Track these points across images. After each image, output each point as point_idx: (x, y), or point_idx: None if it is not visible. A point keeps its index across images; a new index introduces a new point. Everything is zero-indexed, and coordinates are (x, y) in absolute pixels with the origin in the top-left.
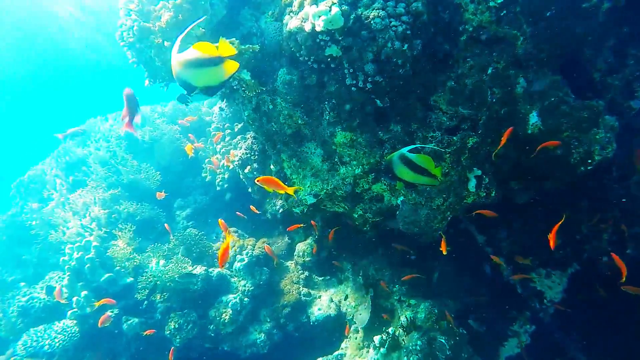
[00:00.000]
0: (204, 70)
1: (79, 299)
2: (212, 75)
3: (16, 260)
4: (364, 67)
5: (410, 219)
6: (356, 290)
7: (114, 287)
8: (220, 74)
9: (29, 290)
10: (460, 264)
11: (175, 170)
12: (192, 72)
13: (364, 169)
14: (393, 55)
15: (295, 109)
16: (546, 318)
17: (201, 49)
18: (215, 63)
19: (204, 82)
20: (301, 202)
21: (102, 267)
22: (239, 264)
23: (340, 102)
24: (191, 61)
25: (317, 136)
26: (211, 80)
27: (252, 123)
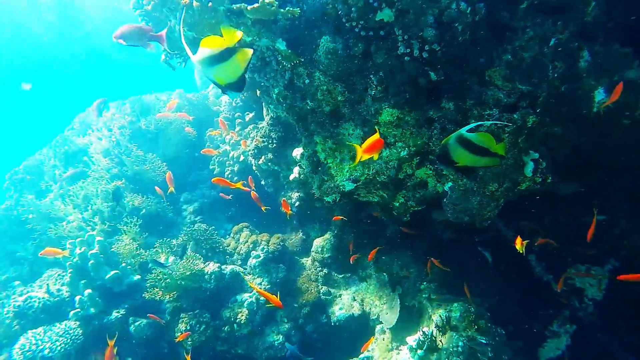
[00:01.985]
0: (217, 67)
1: (82, 298)
2: (227, 71)
3: (10, 257)
4: (422, 33)
5: (461, 207)
6: (380, 288)
7: (119, 285)
8: (235, 68)
9: (26, 289)
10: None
11: (181, 162)
12: (209, 71)
13: (409, 152)
14: (457, 18)
15: (336, 83)
16: (587, 317)
17: (209, 44)
18: (226, 57)
19: (224, 80)
20: (337, 188)
21: (106, 264)
22: (254, 260)
23: (390, 75)
24: (204, 59)
25: (356, 115)
26: (229, 77)
27: (283, 101)
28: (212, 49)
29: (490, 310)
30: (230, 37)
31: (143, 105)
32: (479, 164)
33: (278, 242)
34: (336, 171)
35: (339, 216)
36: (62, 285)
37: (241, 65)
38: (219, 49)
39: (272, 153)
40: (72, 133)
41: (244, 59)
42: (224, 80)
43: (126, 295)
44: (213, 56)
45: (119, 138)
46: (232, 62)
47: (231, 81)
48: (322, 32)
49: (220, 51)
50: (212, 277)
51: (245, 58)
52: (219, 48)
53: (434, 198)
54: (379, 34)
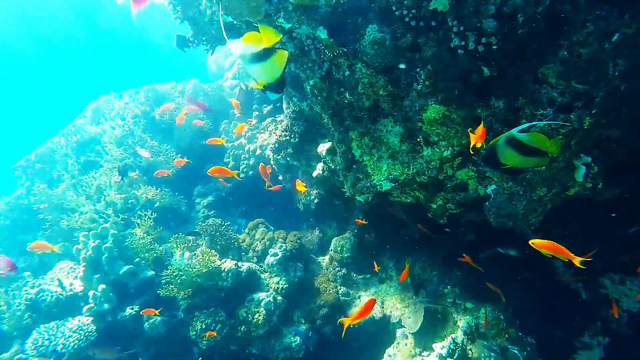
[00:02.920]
0: (256, 66)
1: (96, 294)
2: (265, 72)
3: (20, 247)
4: (480, 24)
5: (506, 211)
6: (402, 291)
7: (133, 280)
8: (274, 69)
9: (38, 281)
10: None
11: (195, 154)
12: (249, 68)
13: (453, 151)
14: (521, 9)
15: (378, 76)
16: (622, 329)
17: (250, 40)
18: (264, 57)
19: (263, 80)
20: (373, 188)
21: (120, 258)
22: (272, 258)
23: (440, 69)
24: (244, 55)
25: (397, 111)
26: (268, 77)
27: (319, 94)
28: (252, 46)
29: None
30: (268, 37)
31: (157, 95)
32: (528, 164)
33: (295, 239)
34: (373, 169)
35: (361, 220)
36: (75, 279)
37: (279, 67)
38: (259, 48)
39: (292, 148)
40: (84, 121)
41: (281, 60)
42: (262, 80)
43: (140, 291)
44: (253, 54)
45: (132, 128)
46: (270, 63)
47: (270, 82)
48: (367, 20)
49: (260, 50)
50: (229, 274)
51: (282, 59)
52: (259, 46)
53: (474, 201)
54: (430, 25)
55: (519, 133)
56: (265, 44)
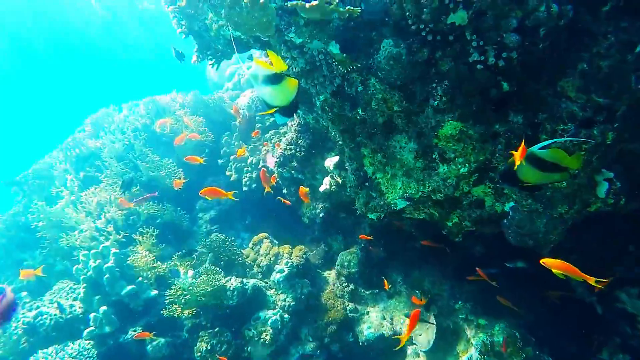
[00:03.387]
0: (268, 88)
1: (97, 316)
2: (277, 95)
3: (17, 266)
4: (500, 39)
5: (526, 230)
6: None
7: (136, 301)
8: (285, 93)
9: (36, 302)
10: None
11: (197, 168)
12: (260, 89)
13: (470, 168)
14: (544, 22)
15: (393, 92)
16: None
17: (262, 64)
18: (275, 82)
19: (273, 102)
20: (387, 207)
21: (122, 278)
22: (278, 275)
23: (457, 84)
24: (257, 75)
25: (411, 127)
26: (279, 100)
27: (329, 110)
28: (265, 69)
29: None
30: (278, 64)
31: (157, 107)
32: (548, 180)
33: (301, 254)
34: (387, 188)
35: (366, 236)
36: (75, 300)
37: (290, 92)
38: (271, 71)
39: (298, 161)
40: (83, 135)
41: (292, 86)
42: (273, 103)
43: (143, 312)
44: (266, 76)
45: (133, 142)
46: (281, 87)
47: (281, 105)
48: (381, 35)
49: (273, 73)
50: (234, 293)
51: (293, 85)
52: (271, 70)
53: (491, 218)
54: (447, 39)
55: (539, 150)
56: (277, 69)
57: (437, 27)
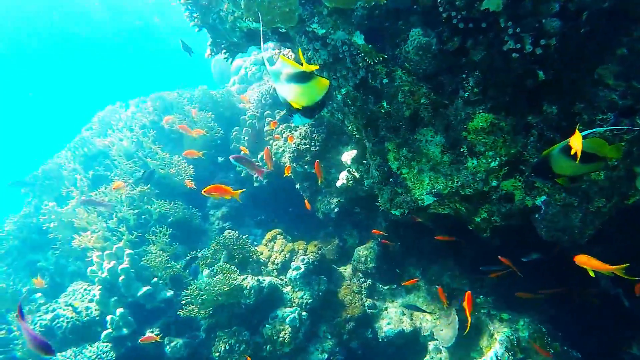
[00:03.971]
0: (295, 86)
1: (114, 318)
2: (304, 93)
3: (30, 267)
4: (538, 25)
5: (560, 225)
6: (431, 301)
7: (152, 302)
8: (313, 92)
9: (52, 305)
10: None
11: (206, 164)
12: (284, 87)
13: (501, 162)
14: (589, 5)
15: (420, 83)
16: None
17: (289, 61)
18: (304, 80)
19: (299, 101)
20: (413, 203)
21: (137, 279)
22: (294, 272)
23: (490, 75)
24: (280, 72)
25: (438, 119)
26: (305, 99)
27: (352, 103)
28: (293, 66)
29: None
30: (307, 65)
31: (165, 103)
32: (584, 171)
33: (316, 250)
34: (413, 183)
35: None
36: (90, 302)
37: (319, 91)
38: (300, 69)
39: (312, 156)
40: (91, 134)
41: (322, 85)
42: (298, 101)
43: (159, 312)
44: (293, 74)
45: (142, 139)
46: (311, 86)
47: (307, 104)
48: (409, 23)
49: (301, 71)
50: (251, 292)
51: (324, 85)
52: (299, 68)
53: (521, 212)
54: (480, 27)
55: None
56: (306, 68)
57: (469, 14)
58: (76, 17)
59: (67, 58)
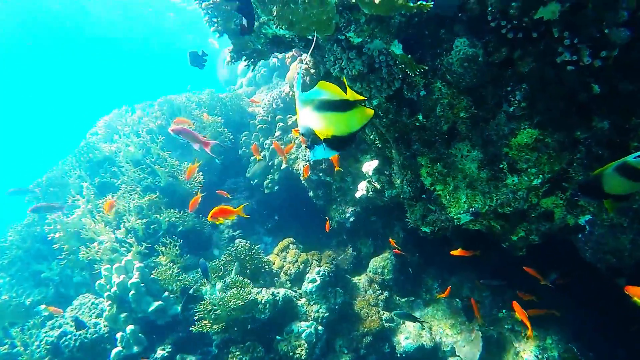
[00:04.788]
0: (327, 115)
1: (124, 335)
2: (338, 123)
3: (35, 278)
4: (601, 35)
5: (609, 247)
6: (451, 315)
7: (163, 317)
8: (350, 122)
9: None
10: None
11: (215, 170)
12: (319, 115)
13: (543, 179)
14: None
15: (461, 97)
16: None
17: (327, 88)
18: (342, 108)
19: (330, 131)
20: (448, 221)
21: (148, 293)
22: (310, 285)
23: (539, 88)
24: (319, 101)
25: (475, 133)
26: (338, 129)
27: (383, 115)
28: (330, 93)
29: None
30: (351, 93)
31: (172, 107)
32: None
33: (330, 260)
34: (449, 201)
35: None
36: (98, 318)
37: (358, 122)
38: (339, 96)
39: (327, 163)
40: (96, 139)
41: (363, 116)
42: (329, 131)
43: (170, 328)
44: (332, 101)
45: (149, 145)
46: (350, 115)
47: (339, 134)
48: (452, 32)
49: (340, 99)
50: (266, 306)
51: (365, 115)
52: (339, 96)
53: (562, 231)
54: (529, 36)
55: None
56: (350, 97)
57: (520, 23)
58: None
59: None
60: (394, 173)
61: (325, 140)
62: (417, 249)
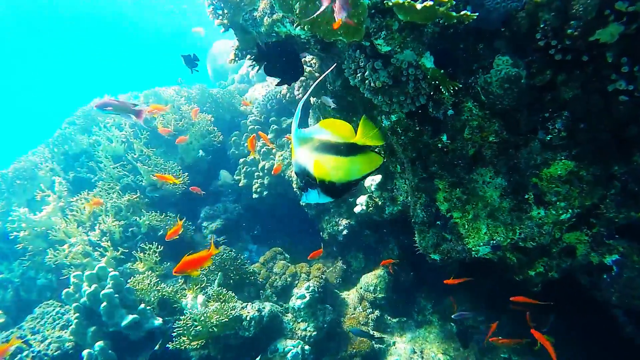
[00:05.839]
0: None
1: (92, 353)
2: (342, 167)
3: None
4: None
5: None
6: (445, 339)
7: (137, 332)
8: (355, 168)
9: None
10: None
11: (201, 170)
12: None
13: (572, 214)
14: None
15: (493, 119)
16: None
17: (332, 128)
18: (352, 151)
19: (329, 174)
20: (466, 253)
21: (122, 305)
22: (298, 301)
23: (583, 117)
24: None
25: (502, 159)
26: (338, 175)
27: (402, 132)
28: (333, 133)
29: None
30: (366, 133)
31: (160, 100)
32: None
33: (319, 274)
34: (468, 231)
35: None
36: (62, 330)
37: (362, 169)
38: (343, 139)
39: None
40: (73, 129)
41: (370, 163)
42: (326, 176)
43: (144, 344)
44: (331, 143)
45: (132, 140)
46: (351, 161)
47: (338, 180)
48: (492, 48)
49: (344, 143)
50: (251, 323)
51: (372, 163)
52: (344, 138)
53: (583, 269)
54: (579, 60)
55: None
56: (358, 140)
57: (573, 44)
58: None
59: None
60: (396, 189)
61: (321, 184)
62: (411, 267)
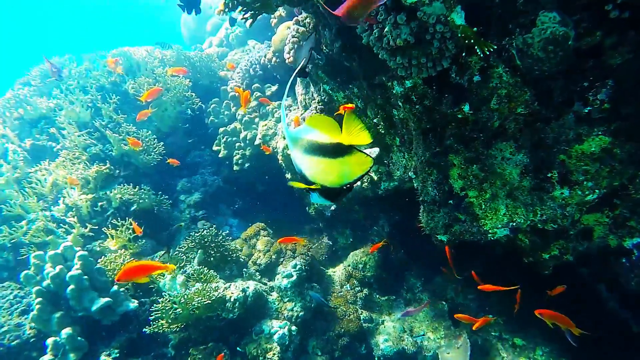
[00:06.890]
0: (321, 160)
1: (58, 341)
2: (332, 170)
3: None
4: None
5: None
6: (435, 318)
7: (110, 316)
8: (345, 171)
9: None
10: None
11: (178, 140)
12: (307, 160)
13: (599, 194)
14: None
15: (525, 88)
16: None
17: (319, 126)
18: (339, 153)
19: (320, 178)
20: (482, 235)
21: (92, 287)
22: (285, 280)
23: (631, 87)
24: (307, 143)
25: (525, 133)
26: (326, 178)
27: (417, 100)
28: (319, 132)
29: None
30: (350, 130)
31: (131, 62)
32: None
33: (306, 252)
34: (485, 212)
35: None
36: (21, 317)
37: (353, 172)
38: (329, 138)
39: None
40: (29, 91)
41: (360, 165)
42: (321, 180)
43: (118, 328)
44: (317, 144)
45: (100, 105)
46: (340, 163)
47: (331, 185)
48: (536, 2)
49: (330, 143)
50: (235, 304)
51: (362, 165)
52: (331, 138)
53: (601, 252)
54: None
55: None
56: (344, 140)
57: None
58: None
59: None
60: (392, 163)
61: (317, 188)
62: (402, 245)
